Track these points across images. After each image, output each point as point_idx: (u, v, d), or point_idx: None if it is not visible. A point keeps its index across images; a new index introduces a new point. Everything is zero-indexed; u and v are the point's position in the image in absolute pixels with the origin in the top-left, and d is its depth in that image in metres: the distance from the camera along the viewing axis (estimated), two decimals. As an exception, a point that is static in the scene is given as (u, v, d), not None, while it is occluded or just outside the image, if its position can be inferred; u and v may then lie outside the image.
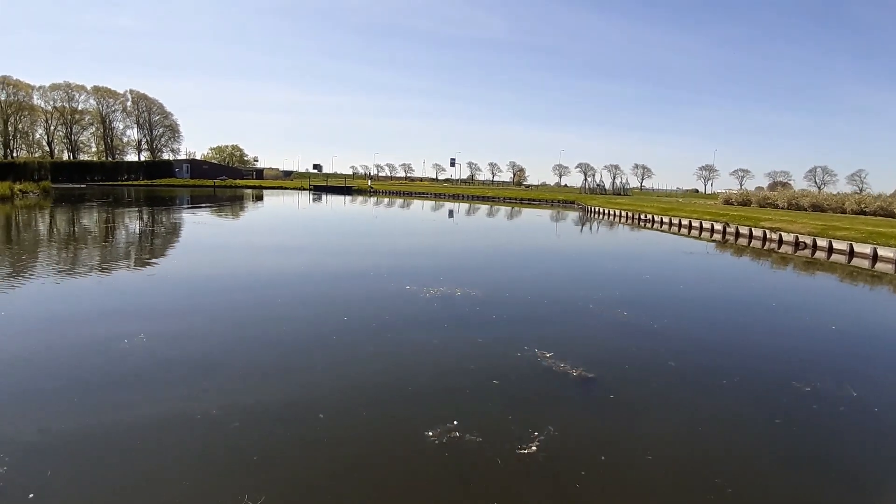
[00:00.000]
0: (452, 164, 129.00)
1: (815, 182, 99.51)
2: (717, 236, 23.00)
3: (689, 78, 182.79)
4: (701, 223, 25.24)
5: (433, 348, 6.86)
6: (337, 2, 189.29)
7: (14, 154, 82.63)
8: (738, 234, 22.58)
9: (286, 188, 71.19)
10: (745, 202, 40.80)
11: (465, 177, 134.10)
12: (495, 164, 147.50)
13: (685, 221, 26.37)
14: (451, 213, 35.29)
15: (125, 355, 6.12)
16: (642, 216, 30.20)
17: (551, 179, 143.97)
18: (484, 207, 42.47)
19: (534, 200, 49.82)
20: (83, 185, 63.75)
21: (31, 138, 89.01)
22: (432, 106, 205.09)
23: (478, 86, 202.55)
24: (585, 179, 71.63)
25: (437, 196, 56.72)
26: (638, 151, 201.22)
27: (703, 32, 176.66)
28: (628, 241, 22.76)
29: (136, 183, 69.97)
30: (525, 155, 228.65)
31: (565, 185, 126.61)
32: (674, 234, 24.85)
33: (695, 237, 23.07)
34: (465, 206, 44.05)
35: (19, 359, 5.99)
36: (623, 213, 32.57)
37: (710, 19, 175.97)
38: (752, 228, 22.04)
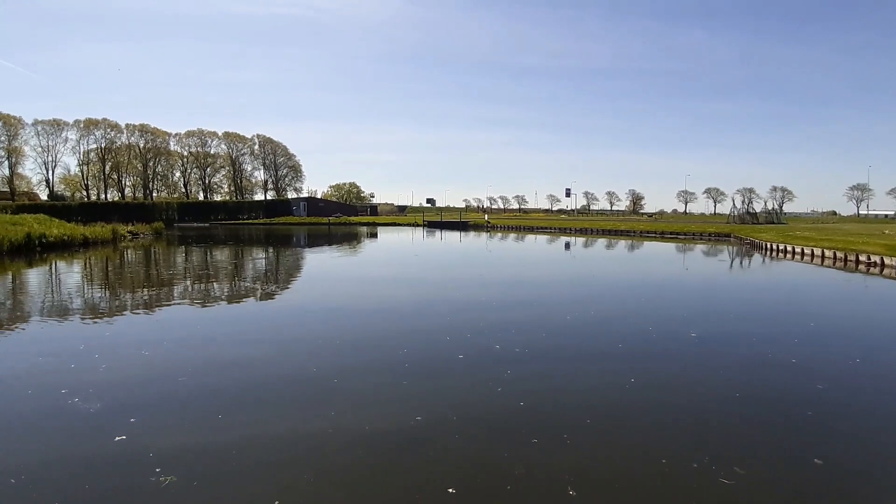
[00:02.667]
0: (568, 195, 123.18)
1: None
2: None
3: (816, 91, 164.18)
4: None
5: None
6: (443, 46, 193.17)
7: (153, 195, 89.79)
8: None
9: (400, 224, 69.41)
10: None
11: (580, 206, 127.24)
12: (613, 192, 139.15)
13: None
14: (583, 253, 29.90)
15: (254, 373, 6.74)
16: (861, 257, 20.97)
17: (670, 206, 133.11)
18: (625, 245, 36.46)
19: (678, 234, 42.76)
20: (207, 224, 66.29)
21: (169, 180, 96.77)
22: (545, 137, 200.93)
23: (589, 114, 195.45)
24: (734, 206, 62.06)
25: (562, 231, 51.35)
26: (771, 173, 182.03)
27: (821, 41, 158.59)
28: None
29: (255, 221, 71.93)
30: (643, 182, 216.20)
31: (694, 213, 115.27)
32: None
33: None
34: (600, 242, 38.43)
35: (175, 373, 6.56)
36: (824, 253, 24.13)
37: (827, 28, 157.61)
38: None
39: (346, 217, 79.41)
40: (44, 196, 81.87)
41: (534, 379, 6.61)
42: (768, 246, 28.84)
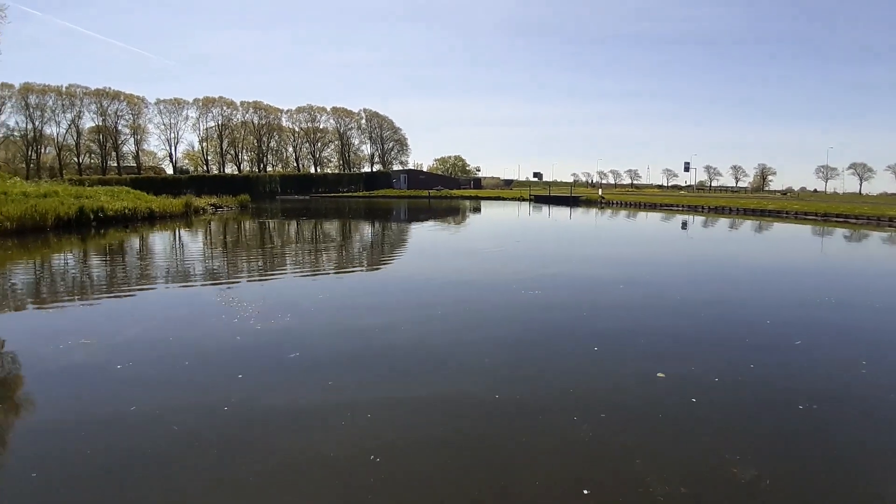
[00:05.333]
0: (687, 169, 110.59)
1: None
2: None
3: None
4: None
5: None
6: (551, 16, 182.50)
7: (267, 169, 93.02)
8: None
9: (504, 198, 65.17)
10: None
11: (698, 182, 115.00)
12: (739, 167, 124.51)
13: None
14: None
15: (372, 340, 6.80)
16: None
17: (800, 184, 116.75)
18: (800, 233, 29.82)
19: (847, 218, 34.51)
20: (307, 197, 66.47)
21: (282, 155, 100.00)
22: (660, 108, 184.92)
23: (711, 83, 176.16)
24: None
25: (692, 209, 44.54)
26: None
27: None
28: None
29: (355, 194, 71.23)
30: (770, 157, 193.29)
31: (838, 192, 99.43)
32: None
33: None
34: (752, 225, 31.98)
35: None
36: None
37: None
38: None
39: (447, 190, 76.41)
40: (169, 170, 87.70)
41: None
42: None
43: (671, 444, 4.17)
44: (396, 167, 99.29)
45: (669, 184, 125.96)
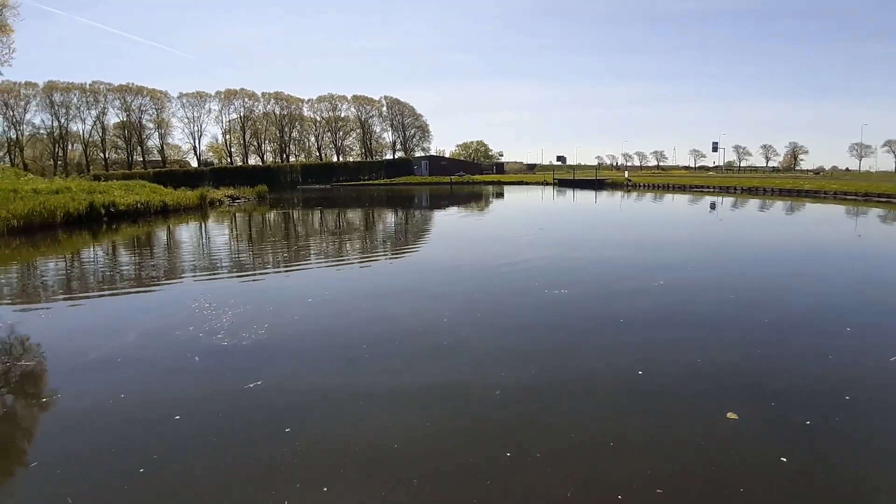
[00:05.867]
0: (715, 149, 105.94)
1: None
2: None
3: None
4: None
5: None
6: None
7: (289, 159, 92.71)
8: None
9: (527, 182, 63.49)
10: None
11: (726, 162, 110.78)
12: (769, 146, 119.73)
13: None
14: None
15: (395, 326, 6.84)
16: None
17: (831, 163, 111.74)
18: (856, 216, 27.79)
19: (891, 197, 31.97)
20: (328, 186, 65.82)
21: (304, 145, 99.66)
22: (685, 88, 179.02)
23: (737, 62, 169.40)
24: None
25: (724, 190, 42.36)
26: None
27: None
28: None
29: (376, 182, 70.25)
30: (800, 136, 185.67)
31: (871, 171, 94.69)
32: None
33: None
34: (791, 207, 30.02)
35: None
36: None
37: None
38: None
39: (469, 175, 74.73)
40: (194, 163, 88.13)
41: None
42: None
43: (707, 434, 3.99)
44: (418, 154, 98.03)
45: (697, 165, 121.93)
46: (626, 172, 70.91)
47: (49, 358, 5.93)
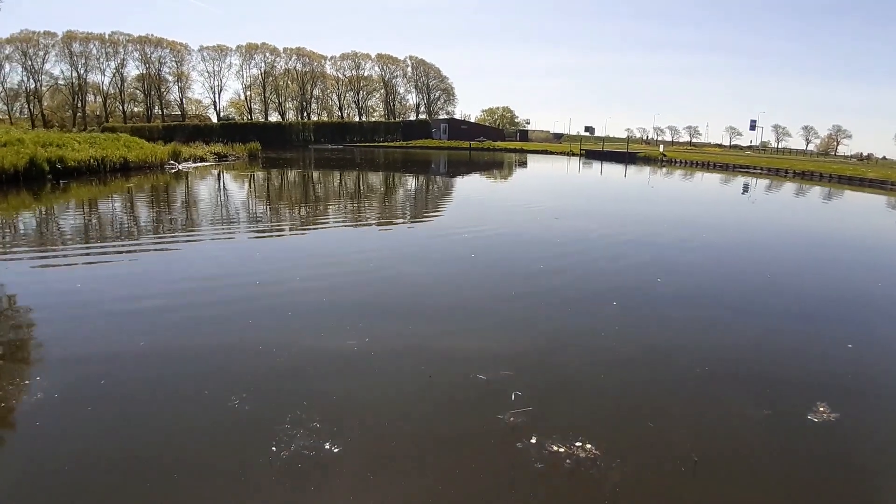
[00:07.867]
0: (753, 128, 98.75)
1: None
2: None
3: None
4: None
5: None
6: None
7: (310, 117, 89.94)
8: None
9: (551, 152, 59.90)
10: None
11: (761, 142, 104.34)
12: (811, 127, 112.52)
13: None
14: None
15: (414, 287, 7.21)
16: None
17: (879, 148, 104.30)
18: None
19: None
20: (341, 147, 63.41)
21: (325, 103, 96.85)
22: (723, 61, 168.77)
23: (776, 38, 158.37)
24: None
25: (773, 171, 38.52)
26: None
27: None
28: None
29: (391, 144, 67.60)
30: (843, 119, 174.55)
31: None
32: None
33: None
34: (860, 197, 26.54)
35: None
36: None
37: None
38: None
39: (489, 142, 71.15)
40: (214, 119, 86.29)
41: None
42: None
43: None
44: (442, 117, 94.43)
45: (731, 143, 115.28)
46: (661, 146, 66.59)
47: None
